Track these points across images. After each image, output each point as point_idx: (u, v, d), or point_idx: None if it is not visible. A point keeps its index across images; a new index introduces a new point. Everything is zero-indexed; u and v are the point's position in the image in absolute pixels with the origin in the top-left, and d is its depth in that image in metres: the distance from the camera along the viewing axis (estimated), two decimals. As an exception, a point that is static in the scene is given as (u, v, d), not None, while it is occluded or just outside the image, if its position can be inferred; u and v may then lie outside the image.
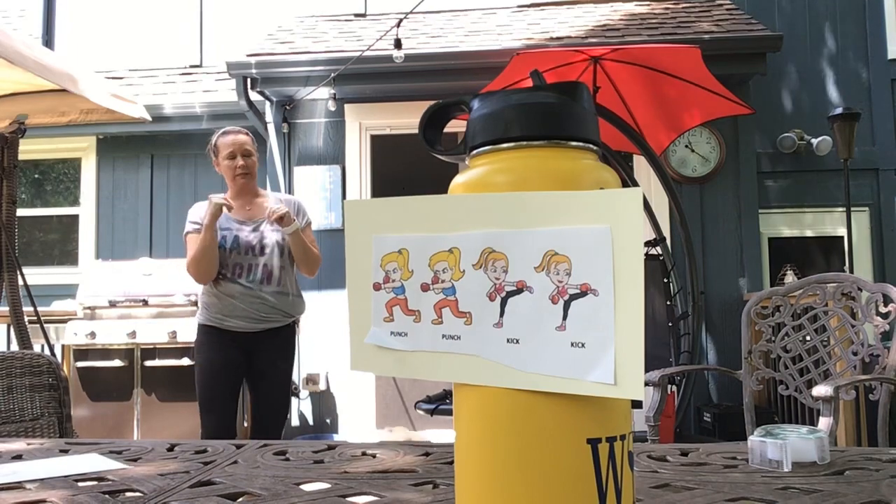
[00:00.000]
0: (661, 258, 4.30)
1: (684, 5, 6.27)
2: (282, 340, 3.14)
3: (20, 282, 3.55)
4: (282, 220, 2.99)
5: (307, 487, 0.78)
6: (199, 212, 3.08)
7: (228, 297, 3.02)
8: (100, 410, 4.52)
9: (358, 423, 5.34)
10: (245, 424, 4.36)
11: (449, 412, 3.27)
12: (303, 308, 3.27)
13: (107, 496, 0.76)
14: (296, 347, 3.28)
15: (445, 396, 3.94)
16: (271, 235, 3.08)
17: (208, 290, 3.07)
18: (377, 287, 0.57)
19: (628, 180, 4.11)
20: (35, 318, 3.68)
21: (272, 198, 3.18)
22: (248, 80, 5.42)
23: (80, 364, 4.53)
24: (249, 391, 3.19)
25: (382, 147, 5.87)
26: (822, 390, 2.11)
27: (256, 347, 3.07)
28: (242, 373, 3.11)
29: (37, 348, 3.75)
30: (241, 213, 3.09)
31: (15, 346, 3.85)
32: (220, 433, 3.02)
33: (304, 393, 5.50)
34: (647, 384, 2.60)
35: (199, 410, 3.06)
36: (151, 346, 4.51)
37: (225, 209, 2.99)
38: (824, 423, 2.09)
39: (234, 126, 3.24)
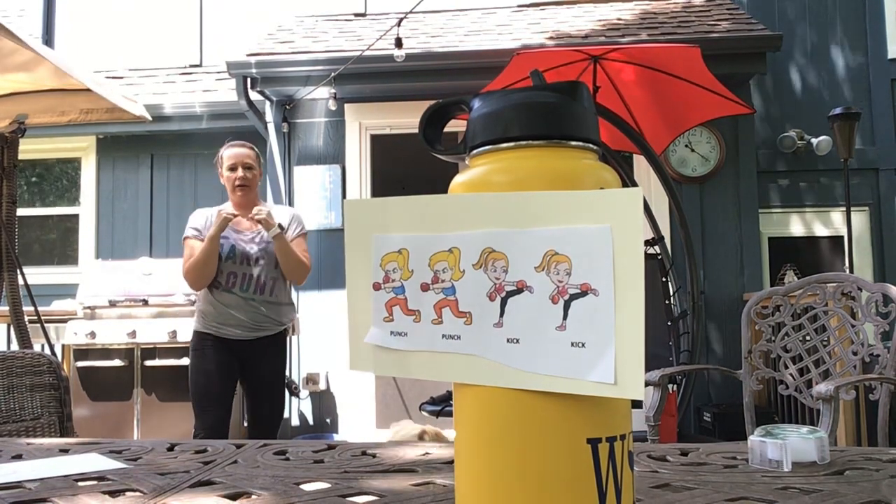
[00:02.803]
0: (660, 257, 4.30)
1: (684, 5, 6.27)
2: (275, 347, 3.24)
3: (20, 281, 3.55)
4: (260, 223, 3.07)
5: (307, 487, 0.78)
6: (200, 219, 3.17)
7: (224, 306, 3.10)
8: (100, 410, 4.52)
9: (358, 423, 5.34)
10: (245, 424, 4.36)
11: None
12: (293, 315, 3.39)
13: (107, 496, 0.76)
14: (287, 352, 3.40)
15: (449, 398, 3.94)
16: (267, 246, 3.14)
17: (205, 298, 3.14)
18: (377, 287, 0.57)
19: (628, 180, 4.11)
20: (35, 317, 3.68)
21: (272, 208, 3.25)
22: (248, 80, 5.41)
23: (80, 364, 4.53)
24: (246, 396, 3.28)
25: (382, 147, 5.87)
26: (822, 390, 2.11)
27: (252, 354, 3.16)
28: (236, 378, 3.19)
29: (37, 348, 3.75)
30: (239, 224, 3.17)
31: (15, 346, 3.85)
32: (214, 432, 3.10)
33: (304, 393, 5.50)
34: (647, 384, 2.60)
35: (194, 414, 3.15)
36: (151, 346, 4.51)
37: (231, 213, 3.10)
38: (824, 423, 2.09)
39: (239, 140, 3.33)
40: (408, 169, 6.54)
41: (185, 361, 4.38)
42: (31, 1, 7.28)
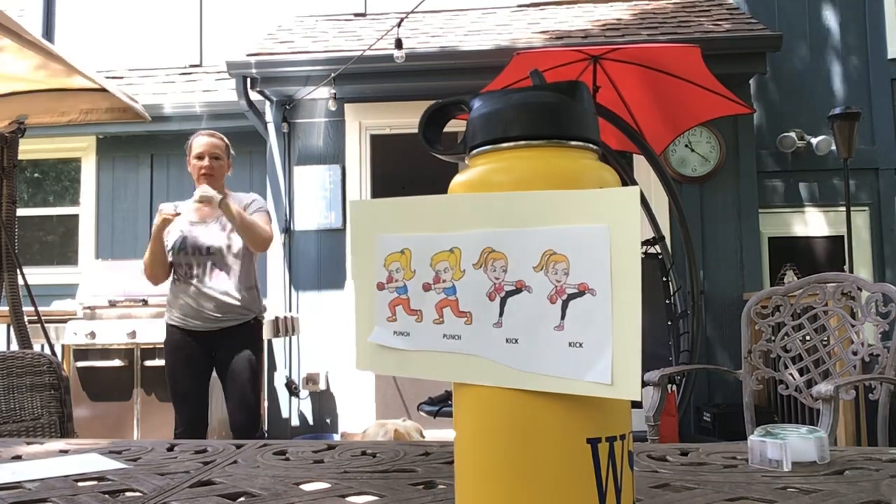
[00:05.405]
0: (660, 257, 4.30)
1: (684, 5, 6.27)
2: (243, 336, 3.21)
3: (20, 281, 3.54)
4: (201, 201, 3.10)
5: (307, 487, 0.78)
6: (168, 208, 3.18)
7: (184, 297, 3.16)
8: (100, 410, 4.51)
9: (358, 424, 5.33)
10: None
11: (452, 413, 3.26)
12: (259, 303, 3.33)
13: (107, 496, 0.76)
14: (263, 343, 3.36)
15: (448, 398, 3.94)
16: (220, 234, 3.18)
17: (171, 290, 3.23)
18: (380, 287, 0.57)
19: (628, 180, 4.11)
20: (35, 317, 3.67)
21: (236, 197, 3.26)
22: (248, 80, 5.41)
23: (80, 364, 4.53)
24: (223, 387, 3.27)
25: (382, 147, 5.87)
26: (822, 390, 2.11)
27: (220, 345, 3.19)
28: (207, 369, 3.23)
29: (37, 348, 3.74)
30: (196, 214, 3.22)
31: (15, 346, 3.85)
32: (193, 425, 3.15)
33: (304, 393, 5.50)
34: (646, 384, 2.60)
35: (174, 407, 3.23)
36: (151, 346, 4.51)
37: (177, 211, 3.15)
38: (824, 423, 2.09)
39: (212, 129, 3.37)
40: (408, 169, 6.53)
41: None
42: (31, 1, 7.27)
